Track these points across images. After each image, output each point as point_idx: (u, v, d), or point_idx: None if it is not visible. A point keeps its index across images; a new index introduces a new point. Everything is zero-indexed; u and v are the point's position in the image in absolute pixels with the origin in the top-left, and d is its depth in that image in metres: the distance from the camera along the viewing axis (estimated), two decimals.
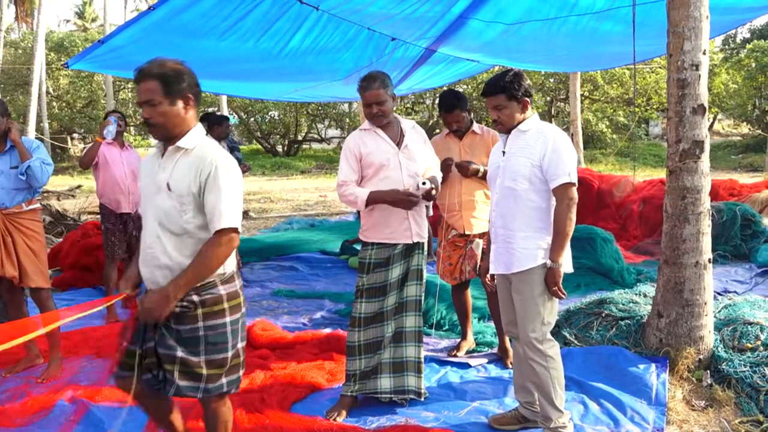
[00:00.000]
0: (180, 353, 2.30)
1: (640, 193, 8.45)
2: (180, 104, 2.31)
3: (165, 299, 2.23)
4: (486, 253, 3.28)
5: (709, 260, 3.73)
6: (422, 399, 3.43)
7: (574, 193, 2.83)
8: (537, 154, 2.86)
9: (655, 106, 23.13)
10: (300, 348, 4.28)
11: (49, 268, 4.22)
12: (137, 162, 5.13)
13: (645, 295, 4.48)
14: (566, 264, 2.91)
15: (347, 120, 27.00)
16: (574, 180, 2.83)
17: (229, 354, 2.37)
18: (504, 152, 3.01)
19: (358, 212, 10.25)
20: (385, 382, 3.42)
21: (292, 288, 6.16)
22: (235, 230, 2.29)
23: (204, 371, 2.33)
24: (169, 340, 2.31)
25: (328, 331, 4.65)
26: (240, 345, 2.44)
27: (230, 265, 2.41)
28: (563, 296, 2.86)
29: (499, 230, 3.00)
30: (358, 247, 7.67)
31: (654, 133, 31.02)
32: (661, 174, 14.40)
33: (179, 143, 2.32)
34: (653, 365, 3.68)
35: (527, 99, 2.92)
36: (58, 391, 3.65)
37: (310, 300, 5.78)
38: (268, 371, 3.89)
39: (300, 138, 28.65)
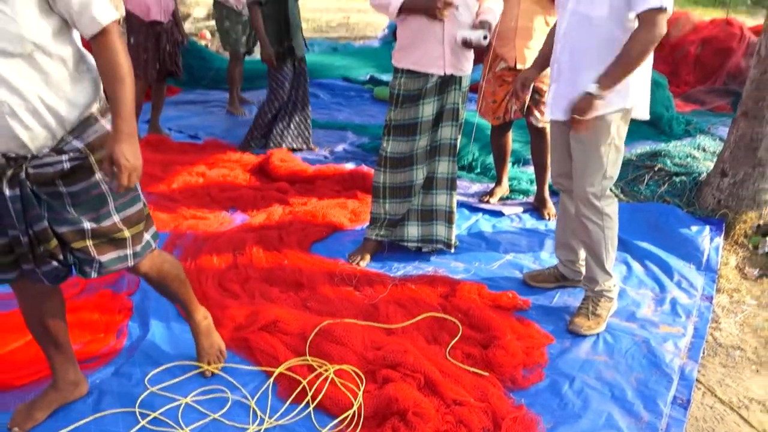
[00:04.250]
0: (89, 223, 1.74)
1: (700, 34, 7.59)
2: None
3: (132, 143, 1.64)
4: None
5: None
6: (452, 250, 3.17)
7: (663, 24, 2.25)
8: None
9: None
10: (321, 183, 3.98)
11: None
12: None
13: (704, 150, 4.04)
14: (641, 109, 2.44)
15: None
16: (666, 6, 2.23)
17: (142, 204, 1.88)
18: None
19: (385, 38, 9.41)
20: (413, 230, 3.14)
21: (312, 116, 5.72)
22: (117, 22, 1.65)
23: (126, 233, 1.82)
24: (67, 213, 1.72)
25: (351, 166, 4.32)
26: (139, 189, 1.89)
27: (101, 87, 1.74)
28: (580, 131, 2.39)
29: (565, 66, 2.49)
30: (386, 78, 7.14)
31: None
32: (713, 14, 13.00)
33: None
34: (707, 227, 3.36)
35: None
36: None
37: (331, 130, 5.40)
38: (286, 206, 3.64)
39: None
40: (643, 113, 2.47)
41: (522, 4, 3.25)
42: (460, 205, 3.72)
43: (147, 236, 1.90)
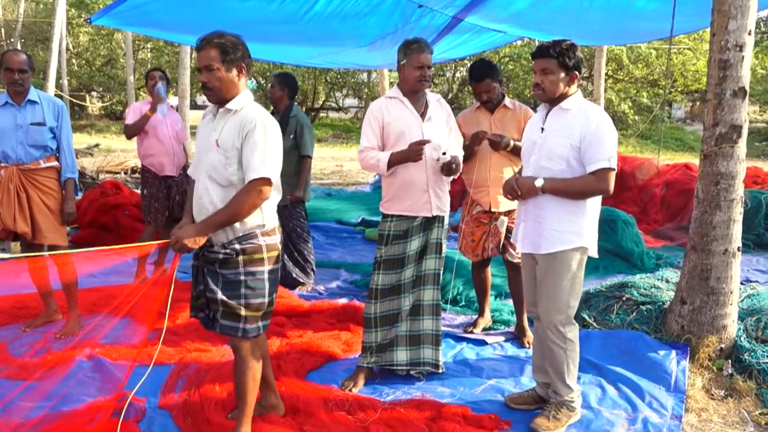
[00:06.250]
0: (221, 296, 2.56)
1: (663, 177, 8.30)
2: (234, 72, 2.57)
3: (195, 233, 2.50)
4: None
5: (738, 248, 3.64)
6: (439, 371, 3.42)
7: (611, 180, 2.75)
8: (577, 135, 2.77)
9: (679, 89, 22.60)
10: (316, 317, 4.27)
11: (67, 225, 4.22)
12: (180, 123, 5.10)
13: (667, 281, 4.40)
14: (592, 248, 2.84)
15: (365, 90, 26.71)
16: (614, 166, 2.75)
17: (266, 300, 2.64)
18: (543, 129, 2.91)
19: (375, 183, 10.09)
20: (402, 355, 3.40)
21: None
22: (266, 181, 2.50)
23: (243, 312, 2.58)
24: (212, 284, 2.58)
25: (344, 301, 4.63)
26: (274, 295, 2.70)
27: (271, 219, 2.65)
28: (511, 197, 2.95)
29: (531, 209, 2.93)
30: (377, 220, 7.68)
31: (676, 116, 30.43)
32: (681, 158, 14.10)
33: (229, 105, 2.58)
34: (673, 352, 3.63)
35: (576, 73, 2.81)
36: (76, 348, 3.67)
37: (325, 269, 5.76)
38: (284, 339, 3.90)
39: (317, 106, 28.46)
40: (593, 252, 2.88)
41: (493, 157, 3.78)
42: (446, 335, 3.99)
43: (260, 323, 2.66)
